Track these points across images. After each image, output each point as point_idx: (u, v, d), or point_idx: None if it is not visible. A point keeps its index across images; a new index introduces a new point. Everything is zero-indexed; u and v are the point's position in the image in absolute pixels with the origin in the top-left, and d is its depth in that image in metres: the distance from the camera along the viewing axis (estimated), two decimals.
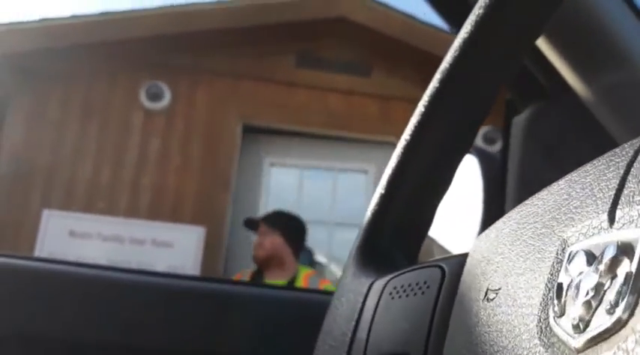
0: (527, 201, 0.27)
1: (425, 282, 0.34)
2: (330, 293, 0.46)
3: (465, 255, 0.33)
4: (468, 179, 0.80)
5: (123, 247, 3.26)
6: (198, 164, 3.59)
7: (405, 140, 0.43)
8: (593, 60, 0.69)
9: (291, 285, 2.36)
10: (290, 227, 2.63)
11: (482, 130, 3.67)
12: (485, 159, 0.81)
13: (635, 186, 0.19)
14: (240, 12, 3.77)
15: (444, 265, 0.34)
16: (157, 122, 3.63)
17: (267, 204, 3.73)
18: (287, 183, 3.95)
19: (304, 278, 2.45)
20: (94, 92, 3.58)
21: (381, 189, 0.44)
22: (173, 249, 3.33)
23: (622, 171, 0.20)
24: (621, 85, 0.69)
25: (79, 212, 3.28)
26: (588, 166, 0.23)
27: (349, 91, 3.95)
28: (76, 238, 3.16)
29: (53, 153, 3.44)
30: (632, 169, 0.20)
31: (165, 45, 3.63)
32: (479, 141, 3.63)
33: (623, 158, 0.21)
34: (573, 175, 0.24)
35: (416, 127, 0.43)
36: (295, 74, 3.95)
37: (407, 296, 0.35)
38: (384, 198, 0.43)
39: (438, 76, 0.42)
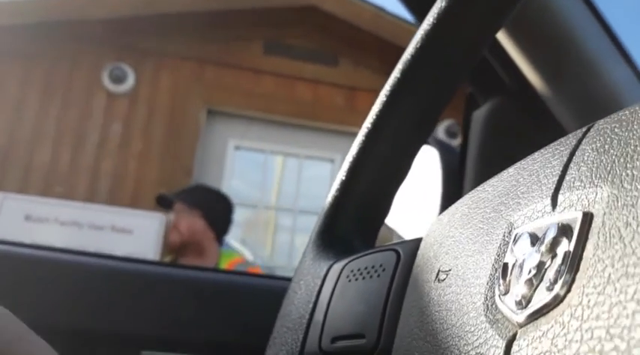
0: (478, 187, 0.28)
1: (381, 265, 0.35)
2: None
3: (419, 239, 0.34)
4: (427, 170, 0.82)
5: (81, 233, 3.19)
6: (160, 149, 3.53)
7: (367, 128, 0.44)
8: (551, 55, 0.71)
9: None
10: (212, 206, 2.17)
11: (445, 124, 3.73)
12: (445, 151, 0.83)
13: (576, 172, 0.20)
14: None
15: (399, 249, 0.35)
16: (119, 105, 3.55)
17: (231, 188, 3.71)
18: (252, 167, 3.94)
19: (230, 266, 2.05)
20: (56, 72, 3.48)
21: (341, 175, 0.44)
22: (133, 235, 3.28)
23: (565, 159, 0.22)
24: (578, 81, 0.72)
25: (36, 196, 3.19)
26: (536, 154, 0.25)
27: (316, 80, 3.95)
28: (32, 222, 3.07)
29: (11, 134, 3.34)
30: (574, 157, 0.21)
31: (130, 26, 3.55)
32: (441, 134, 3.69)
33: (567, 147, 0.22)
34: (522, 163, 0.25)
35: (377, 116, 0.44)
36: (262, 61, 3.93)
37: (363, 278, 0.36)
38: (344, 185, 0.44)
39: (399, 66, 0.43)
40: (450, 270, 0.26)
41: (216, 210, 2.16)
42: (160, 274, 0.68)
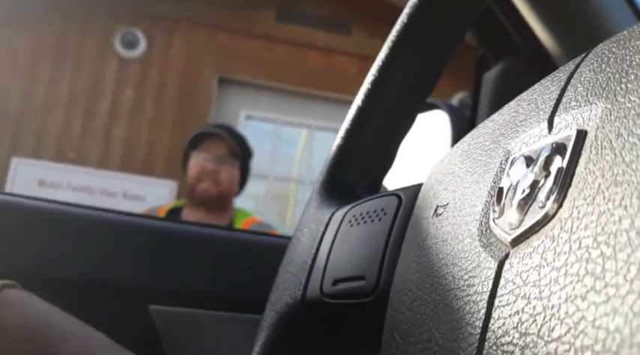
0: (480, 125, 0.28)
1: (382, 209, 0.35)
2: None
3: (421, 184, 0.34)
4: (438, 135, 0.81)
5: (93, 199, 3.23)
6: (172, 116, 3.54)
7: (372, 76, 0.44)
8: (563, 14, 0.69)
9: None
10: (248, 158, 1.89)
11: (458, 97, 3.68)
12: (455, 116, 0.82)
13: (573, 93, 0.20)
14: None
15: (401, 193, 0.35)
16: (131, 71, 3.55)
17: None
18: (262, 136, 3.93)
19: (244, 225, 1.82)
20: (67, 38, 3.47)
21: (346, 125, 0.44)
22: (145, 202, 3.31)
23: (563, 83, 0.21)
24: (590, 41, 0.70)
25: (49, 161, 3.23)
26: (536, 85, 0.24)
27: (329, 49, 3.91)
28: (45, 187, 3.12)
29: (23, 100, 3.35)
30: (571, 80, 0.21)
31: None
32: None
33: (565, 72, 0.22)
34: (523, 94, 0.25)
35: (382, 65, 0.43)
36: (275, 29, 3.89)
37: (365, 223, 0.36)
38: (348, 134, 0.44)
39: (404, 13, 0.42)
40: (447, 204, 0.26)
41: (249, 164, 1.91)
42: (169, 230, 0.68)
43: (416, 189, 0.34)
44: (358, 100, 0.44)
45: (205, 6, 3.72)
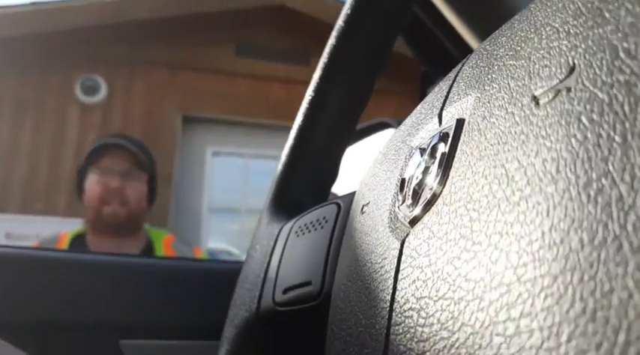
0: (397, 129, 0.31)
1: (324, 218, 0.37)
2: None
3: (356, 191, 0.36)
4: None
5: None
6: None
7: (309, 96, 0.46)
8: (487, 21, 0.74)
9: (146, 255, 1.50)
10: (154, 168, 1.61)
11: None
12: None
13: (456, 89, 0.23)
14: (175, 0, 3.72)
15: (339, 201, 0.37)
16: (93, 116, 3.54)
17: (212, 195, 3.72)
18: (231, 172, 3.94)
19: (165, 245, 1.57)
20: (27, 87, 3.45)
21: (289, 143, 0.47)
22: None
23: (451, 82, 0.24)
24: None
25: (16, 214, 3.17)
26: (436, 87, 0.27)
27: (289, 80, 3.97)
28: (13, 240, 3.06)
29: None
30: (456, 78, 0.24)
31: (99, 36, 3.53)
32: None
33: (454, 72, 0.25)
34: (427, 97, 0.28)
35: (318, 85, 0.46)
36: (235, 63, 3.94)
37: (309, 232, 0.38)
38: (292, 151, 0.46)
39: (334, 34, 0.45)
40: (369, 202, 0.28)
41: (156, 175, 1.63)
42: (133, 265, 0.69)
43: (352, 195, 0.36)
44: (298, 120, 0.47)
45: (164, 46, 3.76)
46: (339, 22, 0.45)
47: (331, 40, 0.45)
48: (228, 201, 3.83)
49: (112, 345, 0.61)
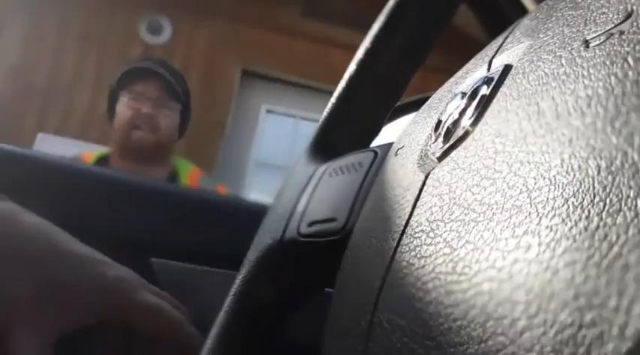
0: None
1: (359, 163, 0.38)
2: None
3: None
4: None
5: None
6: (194, 102, 3.59)
7: (365, 47, 0.46)
8: None
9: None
10: (188, 98, 1.59)
11: None
12: None
13: (511, 38, 0.23)
14: None
15: (377, 149, 0.38)
16: (155, 56, 3.61)
17: (261, 150, 3.77)
18: (282, 131, 3.97)
19: (190, 177, 1.52)
20: (93, 21, 3.55)
21: (339, 90, 0.47)
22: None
23: (508, 32, 0.24)
24: None
25: (73, 139, 3.30)
26: (493, 40, 0.27)
27: (351, 46, 3.92)
28: None
29: (50, 78, 3.43)
30: (514, 29, 0.24)
31: None
32: None
33: (512, 25, 0.25)
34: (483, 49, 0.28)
35: (376, 36, 0.46)
36: (299, 23, 3.92)
37: (343, 174, 0.39)
38: (340, 99, 0.47)
39: None
40: (403, 146, 0.29)
41: (189, 106, 1.59)
42: (171, 191, 0.72)
43: (391, 144, 0.37)
44: (351, 68, 0.47)
45: None
46: None
47: None
48: (275, 158, 3.88)
49: (143, 262, 0.64)
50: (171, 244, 0.67)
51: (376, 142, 0.50)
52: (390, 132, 0.61)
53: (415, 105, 0.77)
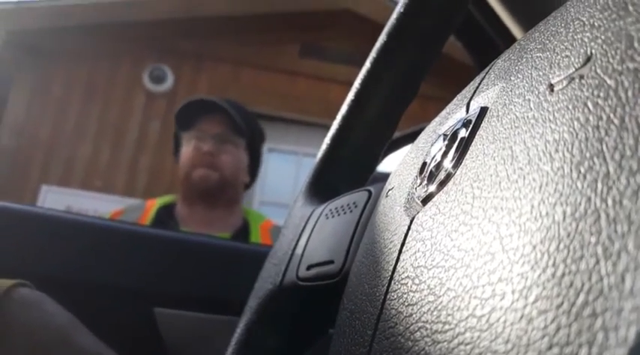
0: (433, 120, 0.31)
1: (354, 203, 0.38)
2: None
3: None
4: None
5: None
6: None
7: (355, 89, 0.47)
8: (537, 17, 0.72)
9: (239, 238, 1.31)
10: (259, 139, 1.46)
11: None
12: None
13: (487, 80, 0.24)
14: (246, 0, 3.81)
15: (371, 188, 0.38)
16: (158, 104, 3.67)
17: (265, 189, 3.78)
18: (285, 169, 4.00)
19: (263, 230, 1.36)
20: (98, 72, 3.62)
21: (332, 132, 0.48)
22: None
23: (484, 74, 0.25)
24: None
25: (77, 189, 3.33)
26: (473, 80, 0.28)
27: (349, 83, 3.98)
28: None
29: (54, 130, 3.49)
30: (490, 70, 0.24)
31: (170, 29, 3.67)
32: None
33: (489, 66, 0.25)
34: (463, 90, 0.28)
35: (365, 79, 0.47)
36: (298, 64, 3.99)
37: (339, 215, 0.39)
38: (334, 141, 0.47)
39: (385, 31, 0.46)
40: (393, 187, 0.29)
41: (260, 146, 1.45)
42: (170, 239, 0.72)
43: (384, 183, 0.37)
44: (343, 109, 0.48)
45: (230, 43, 3.86)
46: (392, 18, 0.46)
47: (382, 36, 0.46)
48: (279, 196, 3.88)
49: (146, 311, 0.63)
50: (173, 291, 0.67)
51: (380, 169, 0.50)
52: (390, 163, 0.61)
53: (414, 137, 0.77)
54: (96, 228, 0.70)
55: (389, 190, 0.30)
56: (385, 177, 0.37)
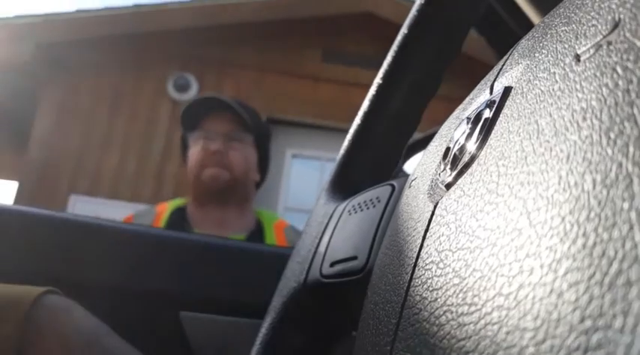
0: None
1: (377, 198, 0.38)
2: None
3: None
4: None
5: None
6: None
7: (377, 83, 0.47)
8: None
9: (254, 239, 1.28)
10: (266, 136, 1.42)
11: None
12: None
13: (510, 61, 0.23)
14: (267, 6, 3.84)
15: (394, 183, 0.37)
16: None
17: (289, 195, 3.78)
18: (308, 174, 4.00)
19: (277, 229, 1.33)
20: (123, 83, 3.69)
21: (354, 127, 0.47)
22: None
23: (508, 55, 0.24)
24: None
25: (105, 198, 3.38)
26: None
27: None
28: None
29: (82, 141, 3.55)
30: (513, 51, 0.23)
31: (193, 37, 3.71)
32: None
33: (512, 48, 0.24)
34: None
35: (387, 72, 0.46)
36: (321, 68, 4.00)
37: (362, 211, 0.38)
38: (356, 136, 0.47)
39: (405, 24, 0.45)
40: (416, 178, 0.28)
41: (267, 143, 1.41)
42: (196, 242, 0.72)
43: (407, 177, 0.36)
44: (364, 105, 0.47)
45: (253, 50, 3.89)
46: (412, 11, 0.45)
47: (402, 30, 0.46)
48: (304, 202, 3.88)
49: (172, 315, 0.64)
50: (198, 295, 0.67)
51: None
52: (412, 166, 0.61)
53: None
54: (120, 232, 0.70)
55: (412, 181, 0.29)
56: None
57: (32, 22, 3.44)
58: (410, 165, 0.71)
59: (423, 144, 0.79)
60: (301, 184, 3.94)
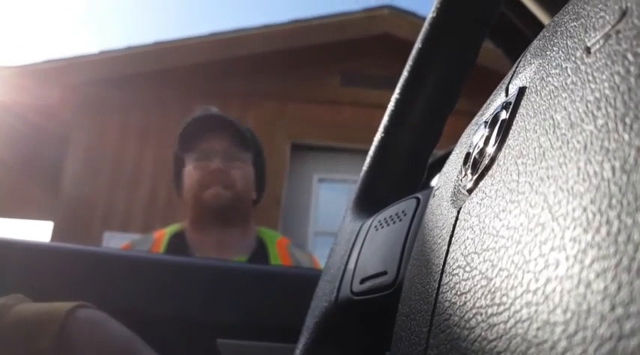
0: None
1: (403, 211, 0.37)
2: None
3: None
4: None
5: None
6: None
7: (396, 98, 0.47)
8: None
9: (257, 259, 1.23)
10: (261, 153, 1.38)
11: None
12: None
13: (523, 62, 0.23)
14: (283, 34, 3.90)
15: (419, 195, 0.37)
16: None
17: (318, 219, 3.78)
18: (336, 198, 4.00)
19: (280, 247, 1.30)
20: (149, 118, 3.77)
21: (375, 144, 0.47)
22: None
23: (521, 57, 0.24)
24: None
25: (138, 233, 3.43)
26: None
27: None
28: None
29: (112, 178, 3.63)
30: (526, 52, 0.23)
31: (214, 70, 3.79)
32: None
33: (525, 50, 0.24)
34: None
35: (405, 85, 0.46)
36: (340, 92, 4.03)
37: (388, 225, 0.38)
38: (377, 153, 0.47)
39: (422, 35, 0.46)
40: (439, 187, 0.28)
41: (263, 161, 1.37)
42: (228, 268, 0.73)
43: (432, 190, 0.36)
44: (384, 120, 0.47)
45: (273, 79, 3.94)
46: (426, 24, 0.45)
47: (417, 42, 0.46)
48: (333, 226, 3.87)
49: (210, 343, 0.64)
50: (233, 321, 0.67)
51: None
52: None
53: None
54: (154, 262, 0.71)
55: (435, 190, 0.29)
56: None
57: (58, 65, 3.56)
58: (435, 182, 0.70)
59: (446, 160, 0.79)
60: (329, 208, 3.94)
